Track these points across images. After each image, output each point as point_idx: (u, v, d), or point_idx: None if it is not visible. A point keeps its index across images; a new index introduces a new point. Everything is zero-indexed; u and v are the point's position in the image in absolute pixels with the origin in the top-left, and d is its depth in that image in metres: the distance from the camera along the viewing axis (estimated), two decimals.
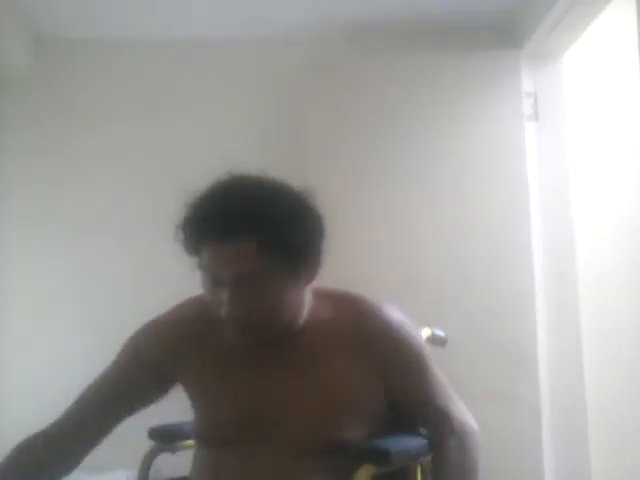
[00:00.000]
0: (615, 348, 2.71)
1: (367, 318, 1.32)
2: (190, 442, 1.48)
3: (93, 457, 1.32)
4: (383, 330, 1.31)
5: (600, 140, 2.87)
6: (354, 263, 2.56)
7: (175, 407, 1.40)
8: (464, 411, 1.41)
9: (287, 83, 2.83)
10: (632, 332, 2.66)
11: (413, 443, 1.33)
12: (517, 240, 2.62)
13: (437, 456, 1.33)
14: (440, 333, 1.81)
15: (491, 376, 2.52)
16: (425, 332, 1.71)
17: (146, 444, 1.57)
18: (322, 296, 1.34)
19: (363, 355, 1.28)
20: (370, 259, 2.59)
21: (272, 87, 2.88)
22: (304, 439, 1.22)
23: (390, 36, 2.86)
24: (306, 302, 1.30)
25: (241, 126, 2.84)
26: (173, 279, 1.72)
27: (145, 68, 2.94)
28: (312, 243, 1.25)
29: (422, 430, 1.37)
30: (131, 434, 1.44)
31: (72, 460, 1.30)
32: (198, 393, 1.33)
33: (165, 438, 1.57)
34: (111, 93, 2.90)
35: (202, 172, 1.25)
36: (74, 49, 2.93)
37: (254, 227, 1.15)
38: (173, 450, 1.57)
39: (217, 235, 1.17)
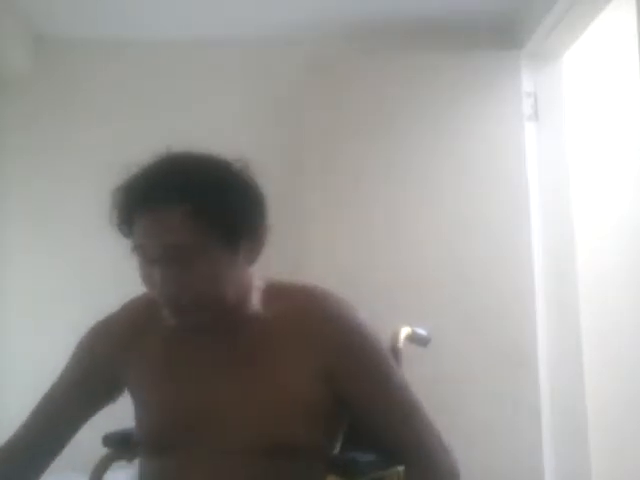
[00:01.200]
0: (615, 348, 2.71)
1: (320, 315, 1.22)
2: None
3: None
4: (335, 328, 1.21)
5: (600, 140, 2.87)
6: (354, 263, 2.56)
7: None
8: (431, 434, 1.26)
9: (287, 83, 2.83)
10: (632, 332, 2.67)
11: (383, 455, 1.23)
12: (517, 240, 2.62)
13: None
14: (422, 332, 1.72)
15: (491, 376, 2.52)
16: (404, 331, 1.63)
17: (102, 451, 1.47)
18: (275, 288, 1.26)
19: (312, 353, 1.18)
20: (370, 259, 2.59)
21: (272, 87, 2.88)
22: (246, 443, 1.15)
23: (390, 36, 2.86)
24: (249, 285, 1.22)
25: (241, 126, 2.84)
26: None
27: (145, 68, 2.94)
28: (248, 218, 1.17)
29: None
30: (89, 441, 1.38)
31: (32, 474, 1.26)
32: (137, 396, 1.26)
33: (120, 445, 1.44)
34: (111, 93, 2.90)
35: None
36: (74, 49, 2.93)
37: (182, 196, 1.10)
38: (129, 458, 1.44)
39: (144, 205, 1.12)
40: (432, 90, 2.70)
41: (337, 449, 1.28)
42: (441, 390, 2.51)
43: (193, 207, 1.10)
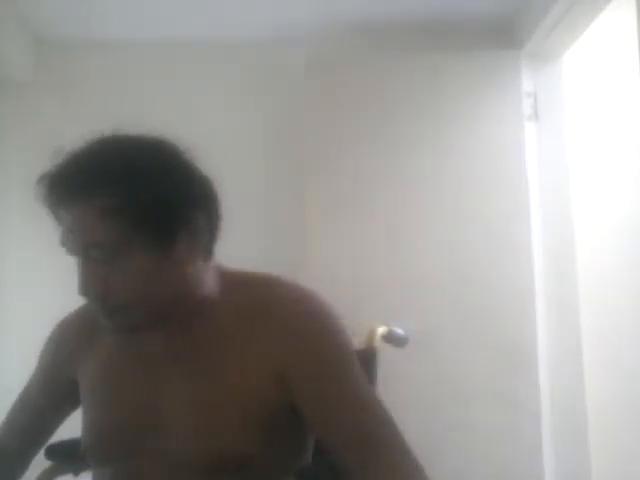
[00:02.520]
0: (615, 348, 2.71)
1: (276, 305, 1.10)
2: None
3: None
4: (291, 325, 1.08)
5: (600, 140, 2.87)
6: (353, 262, 2.56)
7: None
8: (391, 434, 1.08)
9: (287, 83, 2.83)
10: (632, 332, 2.66)
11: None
12: (517, 240, 2.62)
13: None
14: (399, 332, 1.62)
15: (491, 376, 2.52)
16: (381, 330, 1.52)
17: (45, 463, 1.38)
18: (232, 280, 1.14)
19: (264, 352, 1.06)
20: (370, 259, 2.59)
21: (272, 87, 2.88)
22: (188, 456, 1.05)
23: (390, 36, 2.86)
24: (196, 280, 1.09)
25: (241, 126, 2.84)
26: None
27: (145, 68, 2.94)
28: (180, 212, 1.04)
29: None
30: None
31: (8, 475, 1.22)
32: (83, 400, 1.17)
33: (64, 457, 1.34)
34: (111, 94, 2.90)
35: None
36: (74, 51, 2.93)
37: (100, 190, 0.99)
38: (75, 471, 1.35)
39: (61, 199, 1.02)
40: (432, 90, 2.70)
41: (307, 460, 1.16)
42: (441, 390, 2.52)
43: (111, 203, 0.99)
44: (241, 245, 1.18)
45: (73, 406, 1.23)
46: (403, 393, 2.29)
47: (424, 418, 2.41)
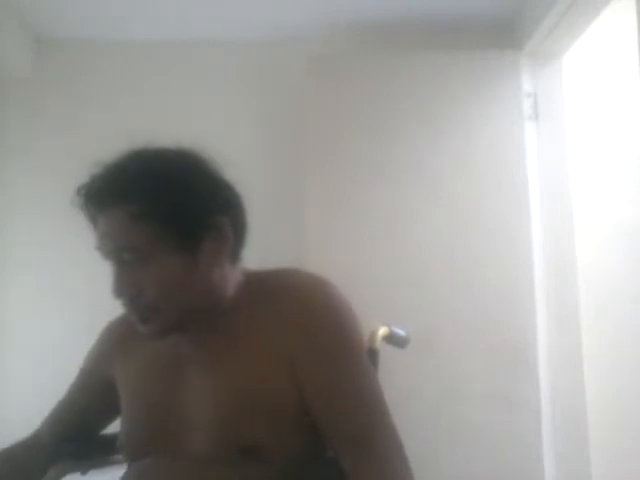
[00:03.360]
0: (615, 348, 2.71)
1: (289, 292, 1.14)
2: (105, 459, 1.35)
3: None
4: (302, 306, 1.12)
5: (600, 140, 2.88)
6: (353, 262, 2.56)
7: None
8: (394, 446, 1.09)
9: (287, 83, 2.83)
10: (632, 332, 2.67)
11: None
12: (517, 240, 2.62)
13: None
14: (400, 332, 1.62)
15: (491, 376, 2.52)
16: (382, 331, 1.52)
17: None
18: (255, 277, 1.20)
19: (280, 335, 1.11)
20: (370, 258, 2.59)
21: (272, 87, 2.88)
22: (209, 445, 1.10)
23: (390, 36, 2.86)
24: (224, 282, 1.16)
25: (241, 126, 2.84)
26: None
27: (145, 68, 2.94)
28: (206, 218, 1.11)
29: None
30: None
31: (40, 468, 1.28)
32: (122, 402, 1.24)
33: (73, 456, 1.37)
34: (111, 93, 2.90)
35: None
36: (74, 50, 2.93)
37: (130, 197, 1.08)
38: (83, 469, 1.38)
39: (96, 206, 1.11)
40: (432, 90, 2.70)
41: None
42: (441, 390, 2.52)
43: (139, 208, 1.07)
44: None
45: (110, 408, 1.28)
46: (403, 393, 2.29)
47: (424, 418, 2.42)
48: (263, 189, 2.72)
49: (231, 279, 1.17)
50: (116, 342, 1.28)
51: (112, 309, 1.30)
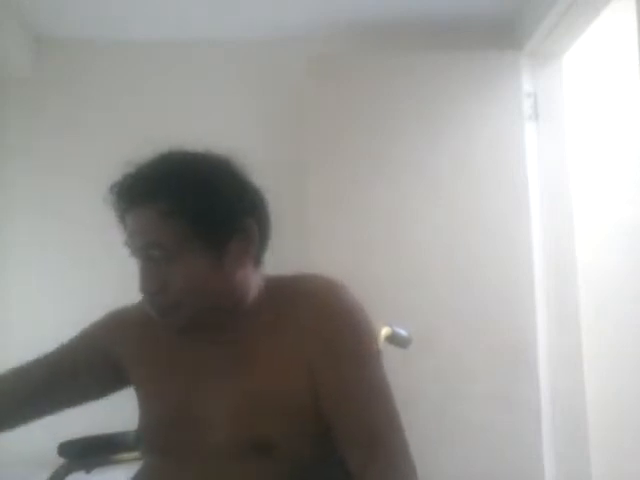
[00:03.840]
0: (615, 348, 2.71)
1: (305, 297, 1.17)
2: (110, 458, 1.34)
3: None
4: (318, 311, 1.15)
5: (600, 140, 2.88)
6: (353, 262, 2.56)
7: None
8: (401, 449, 1.12)
9: (287, 83, 2.83)
10: (632, 332, 2.67)
11: None
12: (517, 240, 2.62)
13: None
14: (402, 332, 1.64)
15: (491, 376, 2.52)
16: (385, 331, 1.56)
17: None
18: (273, 281, 1.23)
19: (298, 341, 1.13)
20: (370, 258, 2.59)
21: (272, 87, 2.88)
22: (225, 441, 1.12)
23: (390, 36, 2.86)
24: (247, 284, 1.18)
25: (241, 126, 2.84)
26: None
27: (145, 68, 2.94)
28: (233, 219, 1.14)
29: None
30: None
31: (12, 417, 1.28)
32: (139, 396, 1.25)
33: (78, 455, 1.39)
34: (111, 93, 2.90)
35: None
36: (74, 49, 2.93)
37: (159, 195, 1.11)
38: (87, 468, 1.39)
39: (126, 202, 1.13)
40: (432, 90, 2.70)
41: None
42: (441, 390, 2.52)
43: (169, 207, 1.10)
44: None
45: (99, 387, 1.28)
46: (403, 393, 2.29)
47: (424, 418, 2.41)
48: (263, 189, 2.72)
49: (253, 282, 1.20)
50: (132, 337, 1.26)
51: (112, 309, 1.30)
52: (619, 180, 2.84)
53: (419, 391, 2.47)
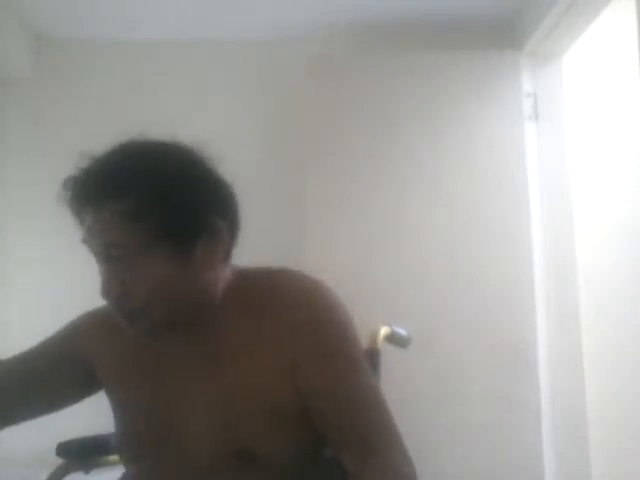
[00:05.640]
0: (615, 348, 2.71)
1: (284, 298, 1.10)
2: (108, 459, 1.34)
3: None
4: (299, 312, 1.08)
5: (600, 140, 2.88)
6: (353, 262, 2.56)
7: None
8: (397, 444, 1.07)
9: (287, 83, 2.83)
10: (632, 332, 2.67)
11: None
12: (517, 240, 2.62)
13: None
14: (401, 332, 1.61)
15: (491, 376, 2.52)
16: (384, 331, 1.52)
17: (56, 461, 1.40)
18: (245, 276, 1.15)
19: (280, 344, 1.07)
20: (369, 258, 2.59)
21: (272, 87, 2.88)
22: (217, 450, 1.06)
23: (390, 36, 2.86)
24: (215, 282, 1.11)
25: (241, 126, 2.84)
26: None
27: (145, 68, 2.94)
28: (201, 215, 1.06)
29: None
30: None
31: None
32: (112, 401, 1.18)
33: (76, 455, 1.37)
34: (111, 93, 2.90)
35: None
36: (74, 49, 2.93)
37: (119, 194, 1.02)
38: (86, 468, 1.37)
39: (83, 201, 1.05)
40: (432, 90, 2.70)
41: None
42: (441, 390, 2.52)
43: (132, 208, 1.02)
44: (241, 245, 1.18)
45: (68, 388, 1.22)
46: (403, 393, 2.29)
47: (424, 418, 2.41)
48: (263, 189, 2.72)
49: (222, 279, 1.13)
50: (99, 333, 1.20)
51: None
52: (619, 180, 2.83)
53: (419, 391, 2.47)
